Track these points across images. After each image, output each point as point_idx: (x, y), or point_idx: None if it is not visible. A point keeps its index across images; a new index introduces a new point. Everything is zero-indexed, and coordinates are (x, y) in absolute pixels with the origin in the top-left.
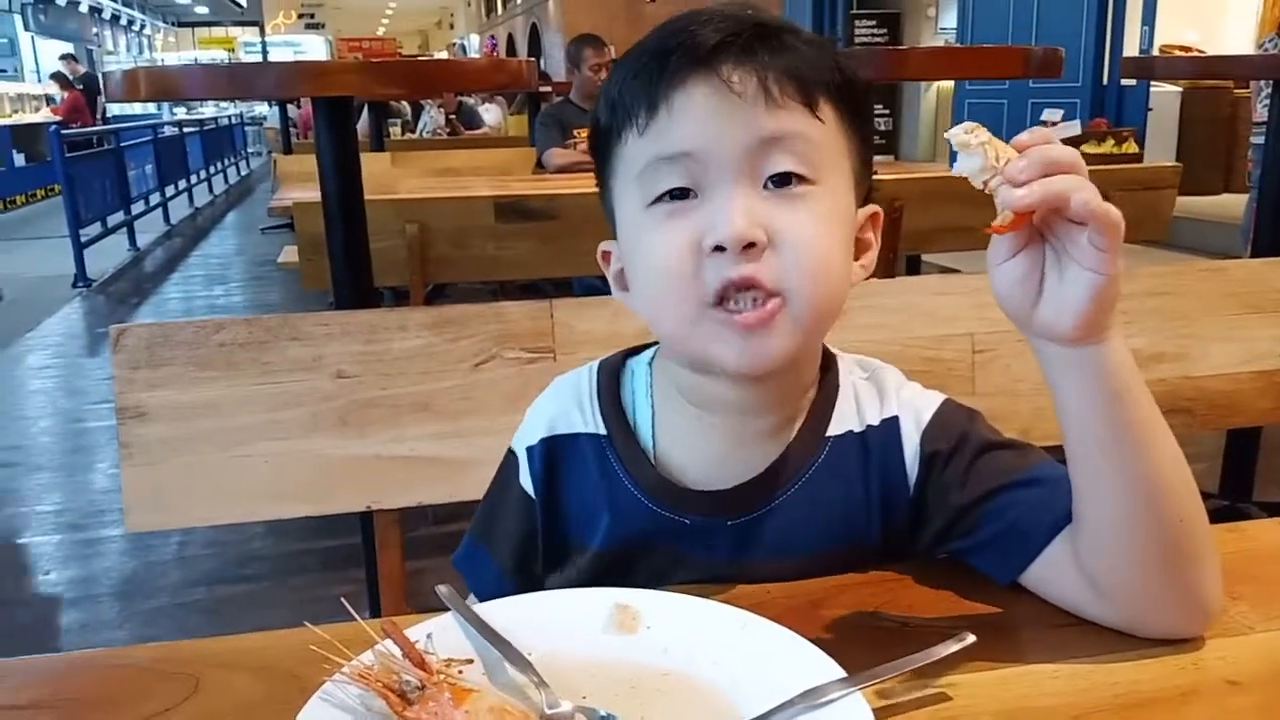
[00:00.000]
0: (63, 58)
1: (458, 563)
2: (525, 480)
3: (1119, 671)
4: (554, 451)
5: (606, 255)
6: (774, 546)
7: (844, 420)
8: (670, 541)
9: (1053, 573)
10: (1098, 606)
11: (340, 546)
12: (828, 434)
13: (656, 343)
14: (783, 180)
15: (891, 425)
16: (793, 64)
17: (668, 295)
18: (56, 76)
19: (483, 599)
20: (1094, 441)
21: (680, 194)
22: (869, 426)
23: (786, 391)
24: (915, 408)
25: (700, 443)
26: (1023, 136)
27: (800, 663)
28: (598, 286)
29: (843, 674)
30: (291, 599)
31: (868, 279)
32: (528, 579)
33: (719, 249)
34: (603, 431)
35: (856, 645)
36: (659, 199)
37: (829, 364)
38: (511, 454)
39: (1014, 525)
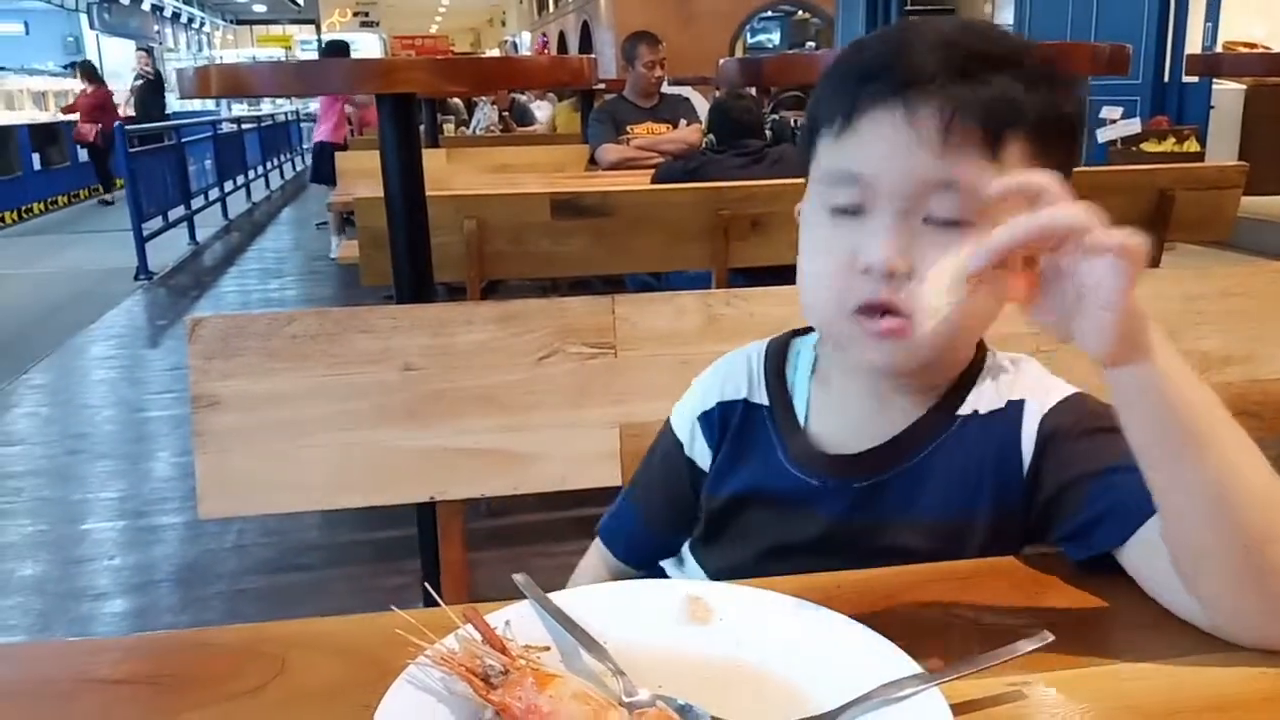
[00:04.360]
0: (140, 50)
1: (603, 530)
2: (695, 450)
3: (1199, 674)
4: (727, 417)
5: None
6: (891, 511)
7: (976, 401)
8: (799, 501)
9: (1147, 558)
10: (1187, 605)
11: (395, 538)
12: (958, 412)
13: None
14: (943, 219)
15: (1016, 407)
16: (988, 103)
17: (818, 294)
18: (84, 67)
19: (628, 555)
20: (1150, 453)
21: (850, 210)
22: (995, 410)
23: (932, 369)
24: (1044, 392)
25: (845, 412)
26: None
27: (874, 657)
28: (650, 283)
29: (919, 669)
30: (347, 589)
31: None
32: (673, 538)
33: (867, 270)
34: (766, 403)
35: (930, 641)
36: (832, 212)
37: (982, 349)
38: (670, 428)
39: (1112, 507)
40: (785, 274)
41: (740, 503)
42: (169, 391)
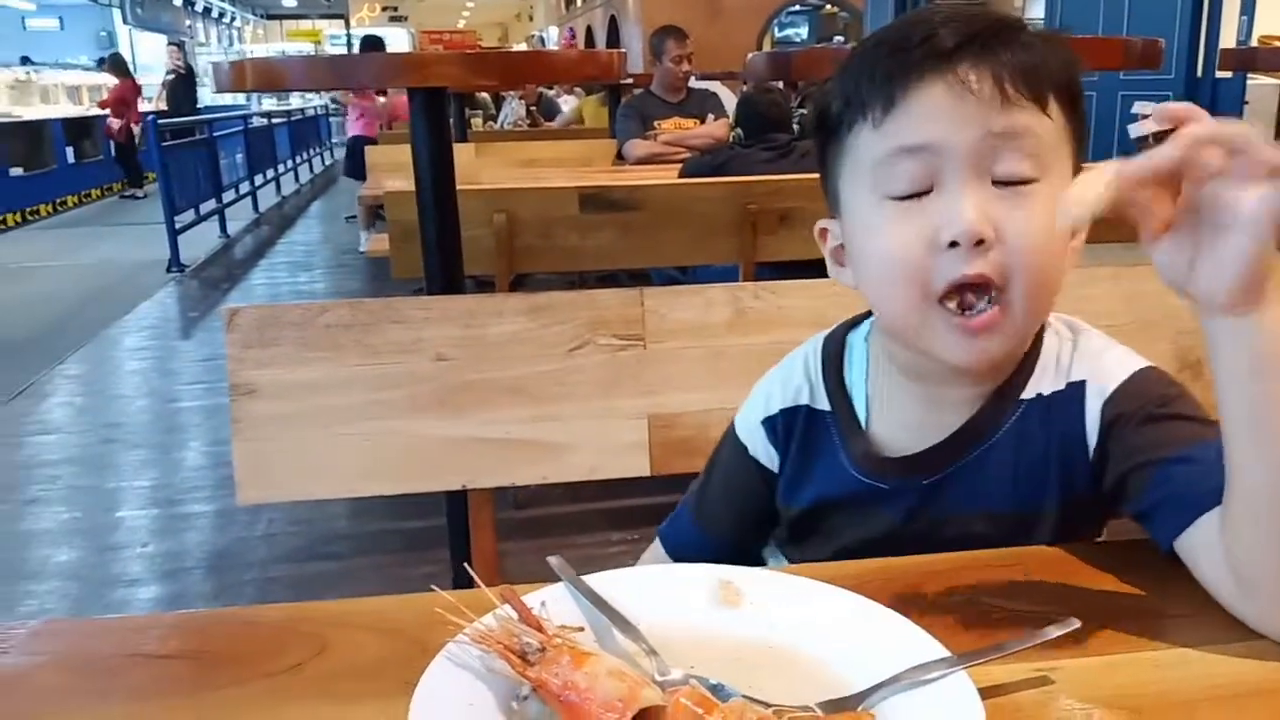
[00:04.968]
0: (172, 44)
1: (662, 534)
2: (760, 453)
3: (1224, 663)
4: (791, 425)
5: (824, 232)
6: (959, 504)
7: (1038, 383)
8: (869, 503)
9: (1203, 549)
10: (1239, 599)
11: (422, 528)
12: (1021, 397)
13: (869, 313)
14: (1011, 179)
15: (1077, 389)
16: (1028, 62)
17: (895, 287)
18: (113, 60)
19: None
20: (1241, 415)
21: (916, 192)
22: (1056, 392)
23: (1003, 363)
24: (1106, 372)
25: (908, 412)
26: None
27: (903, 641)
28: (675, 277)
29: (947, 653)
30: (375, 577)
31: None
32: (741, 543)
33: (953, 244)
34: (829, 408)
35: (957, 627)
36: (894, 198)
37: (1041, 328)
38: (734, 432)
39: (1168, 497)
40: (813, 268)
41: (815, 511)
42: (201, 382)
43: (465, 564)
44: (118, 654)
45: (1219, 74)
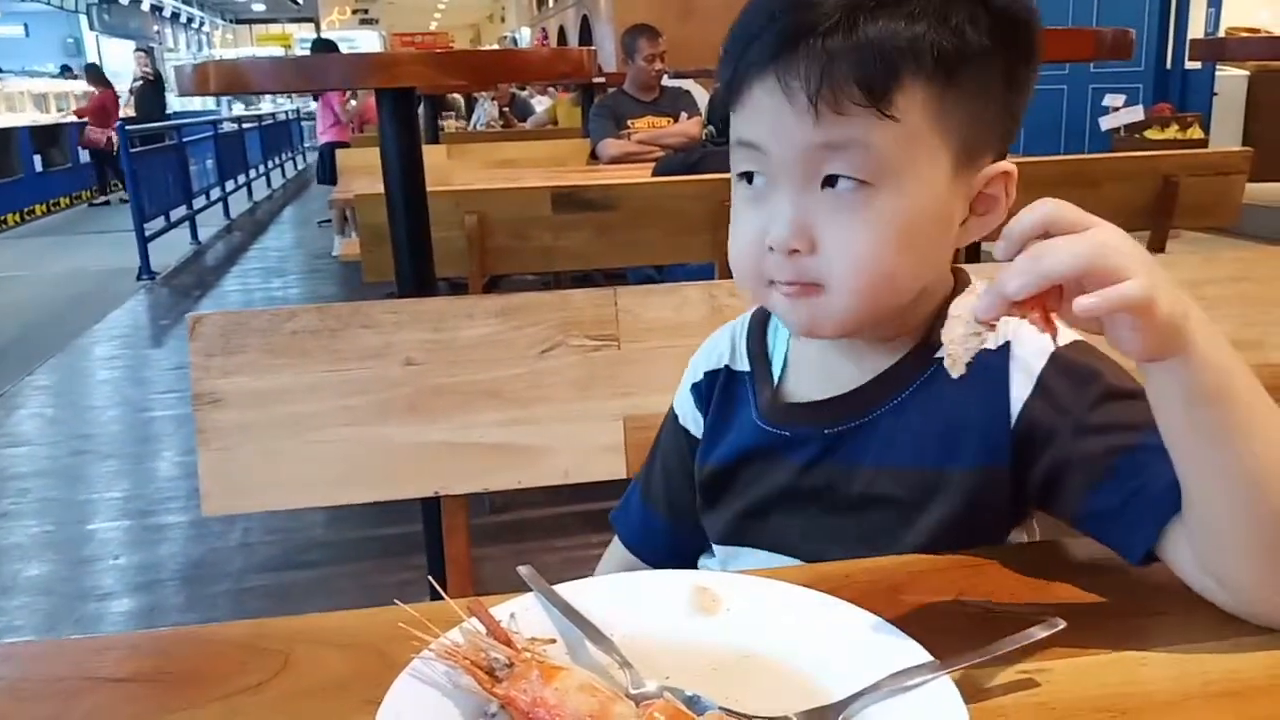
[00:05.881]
0: (139, 50)
1: (613, 515)
2: (690, 421)
3: (1212, 660)
4: (712, 386)
5: None
6: (862, 458)
7: None
8: (771, 453)
9: (1176, 548)
10: (1216, 592)
11: (401, 534)
12: (936, 355)
13: None
14: (838, 181)
15: (1002, 352)
16: (865, 54)
17: (743, 268)
18: (91, 70)
19: (640, 548)
20: (1182, 442)
21: (758, 182)
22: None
23: (883, 320)
24: (1036, 340)
25: (821, 365)
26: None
27: (885, 646)
28: (652, 276)
29: (930, 657)
30: (353, 585)
31: None
32: (686, 521)
33: (772, 249)
34: (748, 369)
35: (940, 630)
36: (742, 175)
37: (963, 279)
38: (671, 406)
39: (1139, 492)
40: None
41: (725, 469)
42: (173, 391)
43: (430, 577)
44: (75, 677)
45: (1188, 64)
